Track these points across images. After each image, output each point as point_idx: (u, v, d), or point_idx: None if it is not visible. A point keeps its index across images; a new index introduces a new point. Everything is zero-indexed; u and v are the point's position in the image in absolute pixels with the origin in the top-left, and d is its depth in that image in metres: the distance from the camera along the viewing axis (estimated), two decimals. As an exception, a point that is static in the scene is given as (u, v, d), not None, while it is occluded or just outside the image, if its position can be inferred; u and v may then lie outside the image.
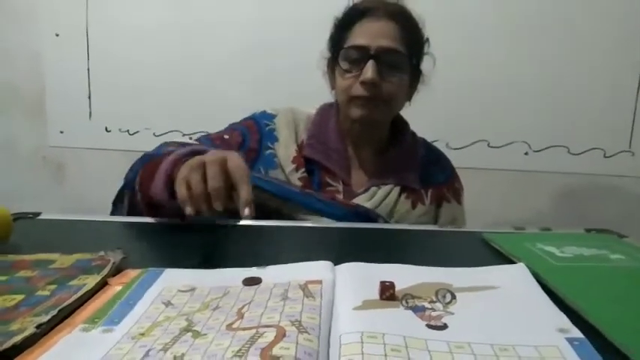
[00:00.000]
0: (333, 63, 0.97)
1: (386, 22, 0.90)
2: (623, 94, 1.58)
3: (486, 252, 0.65)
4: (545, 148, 1.63)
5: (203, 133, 0.99)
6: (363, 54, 0.88)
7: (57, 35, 1.72)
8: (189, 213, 0.56)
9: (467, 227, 0.82)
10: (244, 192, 0.56)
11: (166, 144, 0.88)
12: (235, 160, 0.60)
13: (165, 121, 1.70)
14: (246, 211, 0.54)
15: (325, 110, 1.01)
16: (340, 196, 0.93)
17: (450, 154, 1.53)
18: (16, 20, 1.73)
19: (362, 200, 0.93)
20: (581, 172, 1.62)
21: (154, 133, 1.71)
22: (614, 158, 1.61)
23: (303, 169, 0.94)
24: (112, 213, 0.89)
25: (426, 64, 0.99)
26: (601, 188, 1.63)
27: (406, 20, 0.92)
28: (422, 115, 1.51)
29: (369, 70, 0.86)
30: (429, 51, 0.99)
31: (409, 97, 0.99)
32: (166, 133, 1.69)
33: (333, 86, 0.99)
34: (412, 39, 0.93)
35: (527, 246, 0.63)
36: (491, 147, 1.64)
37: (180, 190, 0.56)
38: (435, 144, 1.41)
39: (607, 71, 1.58)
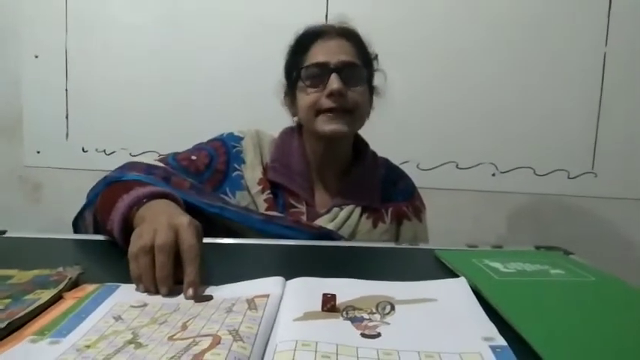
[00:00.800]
0: (291, 90, 1.00)
1: (340, 40, 0.96)
2: (586, 119, 1.64)
3: (436, 268, 0.68)
4: (512, 170, 1.67)
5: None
6: (324, 70, 0.92)
7: (36, 57, 1.73)
8: (140, 292, 0.56)
9: (423, 245, 0.85)
10: (190, 274, 0.54)
11: (131, 165, 0.89)
12: (186, 238, 0.57)
13: (141, 142, 1.71)
14: (190, 292, 0.53)
15: (287, 134, 1.04)
16: (304, 218, 0.95)
17: (420, 175, 1.60)
18: (-5, 42, 1.76)
19: (324, 221, 0.95)
20: (546, 192, 1.67)
21: (130, 154, 1.72)
22: (577, 179, 1.66)
23: (268, 191, 0.96)
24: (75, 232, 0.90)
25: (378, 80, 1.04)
26: (565, 208, 1.67)
27: (357, 38, 0.99)
28: (393, 138, 1.58)
29: (334, 82, 0.90)
30: (379, 67, 1.04)
31: (367, 113, 1.02)
32: (143, 153, 1.71)
33: (292, 113, 1.03)
34: (364, 55, 0.98)
35: (474, 262, 0.66)
36: (460, 168, 1.68)
37: (131, 268, 0.56)
38: (405, 165, 1.46)
39: (571, 97, 1.64)
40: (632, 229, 1.67)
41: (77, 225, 0.90)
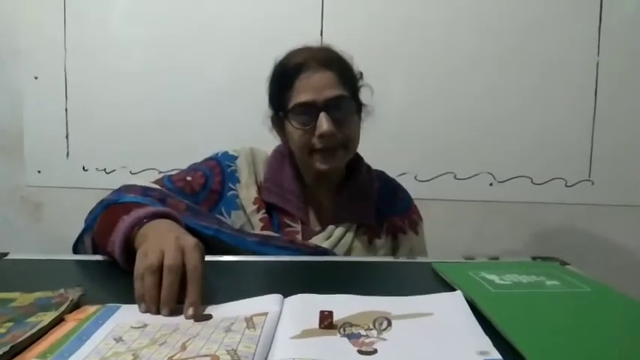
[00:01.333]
0: (278, 120, 0.99)
1: (322, 72, 0.91)
2: (581, 128, 1.66)
3: (434, 281, 0.69)
4: (510, 179, 1.69)
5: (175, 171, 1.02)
6: (311, 109, 0.90)
7: (36, 78, 1.76)
8: (141, 311, 0.56)
9: (421, 258, 0.86)
10: (192, 294, 0.55)
11: (127, 188, 0.89)
12: (192, 258, 0.58)
13: (141, 160, 1.73)
14: (190, 311, 0.54)
15: (279, 152, 1.04)
16: (299, 236, 0.95)
17: (418, 187, 1.61)
18: (-4, 63, 1.78)
19: (320, 239, 0.95)
20: (544, 201, 1.68)
21: (130, 172, 1.73)
22: (574, 187, 1.67)
23: (263, 211, 0.96)
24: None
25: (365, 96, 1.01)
26: (563, 216, 1.68)
27: (339, 64, 0.95)
28: (390, 149, 1.59)
29: (323, 124, 0.88)
30: (364, 83, 1.00)
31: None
32: (143, 171, 1.72)
33: (282, 140, 1.01)
34: (349, 80, 0.95)
35: (470, 274, 0.67)
36: (458, 179, 1.70)
37: (136, 287, 0.57)
38: (403, 176, 1.47)
39: (566, 106, 1.66)
40: (629, 235, 1.68)
41: (77, 249, 0.90)
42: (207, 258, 0.72)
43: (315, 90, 0.90)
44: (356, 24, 1.62)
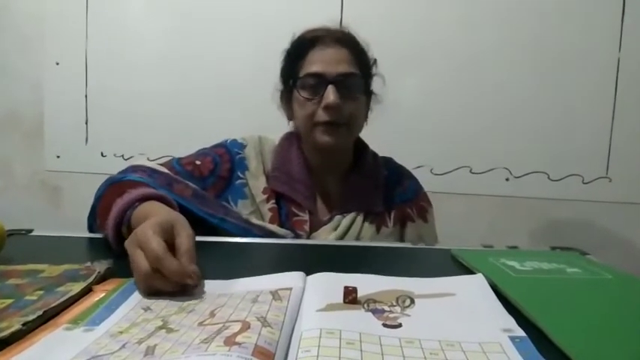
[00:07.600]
0: (287, 95, 1.00)
1: (336, 48, 0.93)
2: (600, 124, 1.65)
3: (453, 267, 0.69)
4: (526, 175, 1.68)
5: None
6: (320, 81, 0.91)
7: (57, 64, 1.78)
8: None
9: (439, 245, 0.86)
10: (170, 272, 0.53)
11: (134, 168, 0.89)
12: (148, 251, 0.54)
13: (158, 147, 1.75)
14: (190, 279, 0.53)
15: (287, 140, 1.03)
16: (307, 227, 0.94)
17: (434, 180, 1.61)
18: (20, 48, 1.81)
19: (327, 230, 0.95)
20: (560, 197, 1.67)
21: (147, 158, 1.75)
22: (592, 184, 1.66)
23: (273, 201, 0.96)
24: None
25: (376, 85, 1.02)
26: (579, 213, 1.67)
27: (354, 45, 0.96)
28: (407, 142, 1.59)
29: (330, 95, 0.89)
30: (378, 71, 1.01)
31: (365, 118, 1.02)
32: (160, 157, 1.73)
33: (289, 117, 1.02)
34: (362, 62, 0.96)
35: (491, 260, 0.67)
36: (474, 173, 1.69)
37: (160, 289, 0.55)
38: (419, 170, 1.47)
39: (585, 102, 1.65)
40: (647, 234, 1.66)
41: (92, 228, 0.88)
42: (217, 239, 0.74)
43: (327, 63, 0.92)
44: (372, 18, 1.62)
